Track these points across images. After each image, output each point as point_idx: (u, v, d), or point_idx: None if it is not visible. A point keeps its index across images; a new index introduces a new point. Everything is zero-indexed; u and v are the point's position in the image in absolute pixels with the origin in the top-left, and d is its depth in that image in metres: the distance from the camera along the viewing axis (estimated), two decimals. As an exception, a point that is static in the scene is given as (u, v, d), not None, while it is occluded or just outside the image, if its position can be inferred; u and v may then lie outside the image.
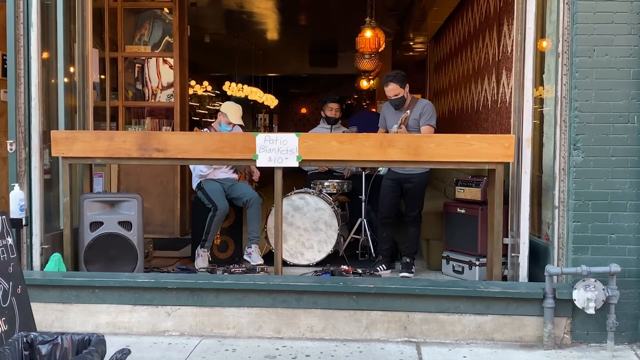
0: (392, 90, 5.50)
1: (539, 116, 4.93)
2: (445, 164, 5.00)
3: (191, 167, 6.10)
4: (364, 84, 13.77)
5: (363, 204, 6.27)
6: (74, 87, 5.40)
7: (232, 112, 5.98)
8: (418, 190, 5.64)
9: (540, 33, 4.82)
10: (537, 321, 4.41)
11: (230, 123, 5.96)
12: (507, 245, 4.89)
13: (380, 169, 5.77)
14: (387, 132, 5.67)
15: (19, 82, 4.89)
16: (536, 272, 4.67)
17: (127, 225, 5.13)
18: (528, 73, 4.70)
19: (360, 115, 10.13)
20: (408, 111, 5.37)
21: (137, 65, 8.05)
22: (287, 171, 4.97)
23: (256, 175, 6.34)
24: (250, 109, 20.02)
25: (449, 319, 4.48)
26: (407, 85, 5.56)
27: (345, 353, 4.26)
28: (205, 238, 5.81)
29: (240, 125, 6.13)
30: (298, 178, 7.03)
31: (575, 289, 4.29)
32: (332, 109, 6.86)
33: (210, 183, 5.93)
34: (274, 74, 18.99)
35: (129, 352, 2.82)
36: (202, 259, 5.80)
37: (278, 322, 4.57)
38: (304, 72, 17.94)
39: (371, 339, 4.51)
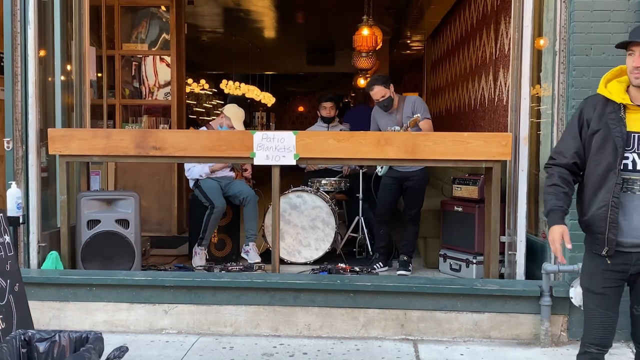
0: (378, 92, 5.52)
1: (536, 114, 4.94)
2: (442, 162, 5.00)
3: (186, 172, 6.06)
4: (361, 82, 13.74)
5: (360, 202, 6.27)
6: (71, 85, 5.39)
7: (236, 116, 5.96)
8: (418, 187, 5.65)
9: (538, 31, 4.83)
10: (534, 319, 4.42)
11: (232, 127, 5.95)
12: (504, 243, 4.89)
13: (378, 170, 5.77)
14: None
15: (16, 80, 4.89)
16: (533, 270, 4.68)
17: (124, 223, 5.12)
18: (525, 71, 4.71)
19: (356, 110, 10.10)
20: (418, 115, 5.33)
21: (134, 63, 8.04)
22: (285, 169, 4.97)
23: (248, 172, 6.33)
24: (247, 107, 19.98)
25: (446, 317, 4.49)
26: (392, 85, 5.58)
27: (343, 351, 4.27)
28: (202, 236, 5.81)
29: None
30: (295, 176, 7.03)
31: (572, 286, 4.29)
32: (326, 108, 6.89)
33: (207, 181, 5.93)
34: (271, 72, 18.96)
35: (126, 349, 2.82)
36: (199, 257, 5.80)
37: (275, 320, 4.57)
38: (301, 70, 17.92)
39: (368, 336, 4.51)
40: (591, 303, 2.95)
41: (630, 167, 2.75)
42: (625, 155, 2.75)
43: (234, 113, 6.00)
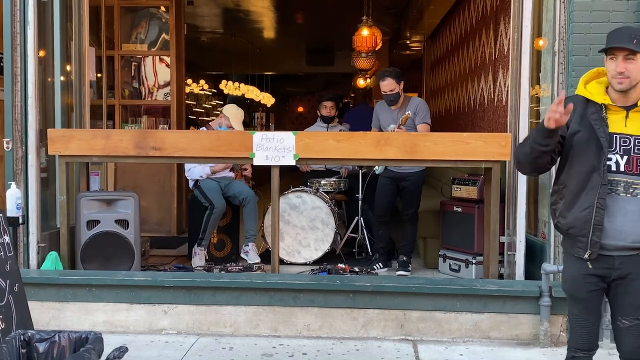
0: (388, 85, 5.52)
1: (535, 115, 4.94)
2: (442, 163, 5.01)
3: (186, 173, 6.06)
4: (361, 82, 13.77)
5: (360, 202, 6.27)
6: (70, 86, 5.39)
7: (235, 117, 5.97)
8: (414, 188, 5.65)
9: (537, 32, 4.84)
10: (534, 319, 4.42)
11: (231, 127, 5.95)
12: (503, 243, 4.89)
13: (376, 168, 5.78)
14: (380, 132, 5.67)
15: (16, 80, 4.89)
16: (532, 270, 4.69)
17: (123, 223, 5.12)
18: (524, 72, 4.72)
19: (356, 110, 10.10)
20: (409, 112, 5.36)
21: (133, 63, 8.04)
22: (284, 169, 4.97)
23: (248, 171, 6.33)
24: (246, 107, 19.96)
25: (445, 317, 4.49)
26: (402, 83, 5.58)
27: (342, 351, 4.27)
28: (202, 236, 5.81)
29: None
30: (295, 176, 7.03)
31: (572, 287, 4.29)
32: (326, 107, 6.89)
33: (207, 181, 5.93)
34: (270, 73, 18.97)
35: (126, 350, 2.82)
36: (199, 258, 5.80)
37: (275, 321, 4.57)
38: (300, 70, 17.94)
39: (368, 337, 4.52)
40: (575, 309, 2.90)
41: (613, 168, 2.70)
42: (609, 156, 2.69)
43: (233, 113, 6.01)
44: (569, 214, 2.79)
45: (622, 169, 2.70)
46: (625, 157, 2.70)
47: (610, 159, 2.69)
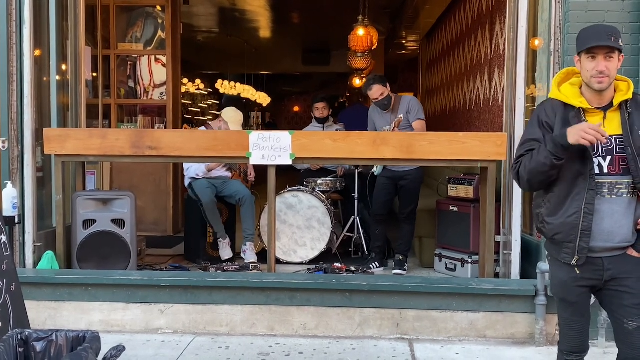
0: (377, 91, 5.54)
1: (531, 114, 4.94)
2: (438, 162, 5.02)
3: (185, 171, 6.07)
4: (357, 82, 13.77)
5: (356, 202, 6.28)
6: (66, 85, 5.39)
7: (234, 120, 5.95)
8: (413, 187, 5.67)
9: (533, 32, 4.85)
10: (529, 318, 4.44)
11: None
12: (499, 242, 4.91)
13: (374, 169, 5.78)
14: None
15: (12, 79, 4.88)
16: (528, 269, 4.70)
17: (120, 223, 5.12)
18: (520, 71, 4.73)
19: (352, 110, 10.09)
20: (401, 115, 5.38)
21: (129, 63, 8.03)
22: (281, 169, 4.98)
23: (251, 175, 6.33)
24: (242, 107, 19.95)
25: (441, 316, 4.51)
26: (388, 84, 5.61)
27: (339, 350, 4.28)
28: (215, 231, 5.90)
29: None
30: (292, 176, 7.04)
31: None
32: (319, 109, 6.89)
33: (199, 180, 5.94)
34: (266, 72, 18.96)
35: (123, 349, 2.82)
36: (223, 249, 5.90)
37: (271, 320, 4.58)
38: (296, 70, 17.92)
39: (364, 336, 4.53)
40: (565, 313, 2.87)
41: (597, 171, 2.66)
42: (592, 159, 2.65)
43: (231, 117, 6.00)
44: (554, 219, 2.75)
45: (605, 170, 2.67)
46: (609, 158, 2.67)
47: (593, 162, 2.66)
